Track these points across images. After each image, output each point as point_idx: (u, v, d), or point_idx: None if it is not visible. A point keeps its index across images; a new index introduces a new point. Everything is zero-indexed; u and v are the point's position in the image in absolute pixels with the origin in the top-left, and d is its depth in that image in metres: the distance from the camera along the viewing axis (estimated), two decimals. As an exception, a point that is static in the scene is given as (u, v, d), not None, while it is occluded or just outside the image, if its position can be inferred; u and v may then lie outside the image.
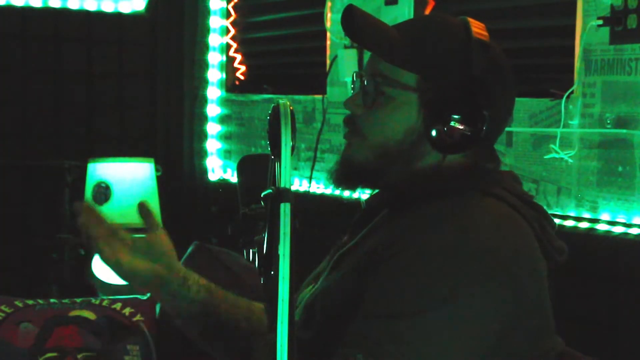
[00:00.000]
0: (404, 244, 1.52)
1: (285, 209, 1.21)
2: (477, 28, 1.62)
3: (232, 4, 4.05)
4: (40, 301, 2.68)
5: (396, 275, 1.50)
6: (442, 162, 1.60)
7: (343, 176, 1.67)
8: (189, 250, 2.73)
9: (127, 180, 3.69)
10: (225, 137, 4.14)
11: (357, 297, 1.53)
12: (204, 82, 4.20)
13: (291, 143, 1.24)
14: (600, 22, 2.33)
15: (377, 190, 1.72)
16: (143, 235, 1.67)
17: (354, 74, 1.69)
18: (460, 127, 1.56)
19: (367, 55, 3.17)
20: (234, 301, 1.79)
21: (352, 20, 1.59)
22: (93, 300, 2.71)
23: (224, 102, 4.14)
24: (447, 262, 1.48)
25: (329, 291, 1.62)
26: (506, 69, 1.65)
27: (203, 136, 4.22)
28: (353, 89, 1.68)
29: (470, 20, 1.64)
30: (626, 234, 2.32)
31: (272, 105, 1.28)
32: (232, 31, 4.07)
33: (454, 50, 1.60)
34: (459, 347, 1.48)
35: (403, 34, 1.63)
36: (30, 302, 2.66)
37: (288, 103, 1.26)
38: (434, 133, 1.57)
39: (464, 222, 1.52)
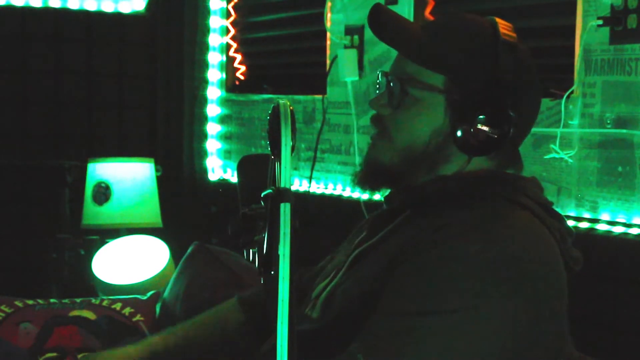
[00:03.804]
0: (428, 247, 1.50)
1: (285, 209, 1.20)
2: (505, 29, 1.60)
3: (232, 4, 4.05)
4: (40, 301, 2.68)
5: (416, 278, 1.49)
6: (467, 165, 1.59)
7: (368, 177, 1.66)
8: (189, 250, 2.73)
9: (127, 180, 3.69)
10: (225, 137, 4.14)
11: (376, 296, 1.52)
12: (204, 82, 4.19)
13: (291, 143, 1.23)
14: (600, 22, 2.33)
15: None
16: None
17: (380, 73, 1.67)
18: (487, 129, 1.55)
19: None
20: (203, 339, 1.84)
21: (379, 18, 1.58)
22: (93, 300, 2.71)
23: (224, 102, 4.13)
24: (470, 270, 1.46)
25: (349, 288, 1.60)
26: (533, 71, 1.63)
27: (203, 136, 4.21)
28: (378, 88, 1.66)
29: (498, 20, 1.62)
30: (626, 234, 2.32)
31: (272, 105, 1.27)
32: (232, 31, 4.06)
33: (481, 52, 1.58)
34: (471, 356, 1.46)
35: (430, 34, 1.61)
36: (30, 302, 2.66)
37: (288, 103, 1.26)
38: (460, 134, 1.56)
39: (490, 232, 1.50)
